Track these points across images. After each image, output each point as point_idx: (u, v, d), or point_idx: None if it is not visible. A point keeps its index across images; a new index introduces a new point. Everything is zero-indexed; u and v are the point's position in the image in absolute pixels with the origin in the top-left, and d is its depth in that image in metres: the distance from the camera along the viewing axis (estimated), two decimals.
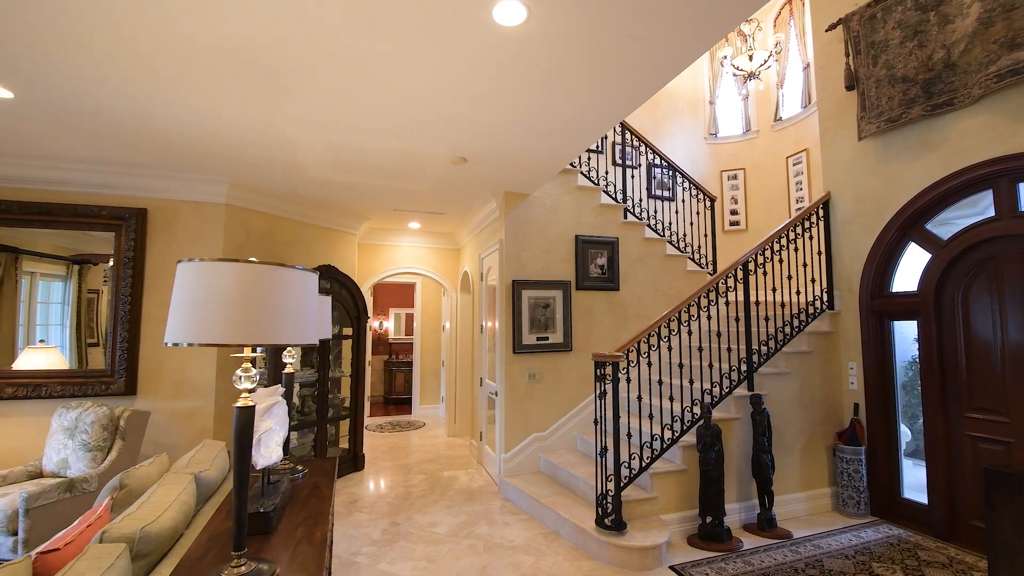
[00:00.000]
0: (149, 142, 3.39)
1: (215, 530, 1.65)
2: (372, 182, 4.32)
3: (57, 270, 4.27)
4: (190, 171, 4.00)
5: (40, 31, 2.12)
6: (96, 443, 3.27)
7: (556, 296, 4.67)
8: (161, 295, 4.07)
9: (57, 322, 4.29)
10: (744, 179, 6.55)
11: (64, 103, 2.80)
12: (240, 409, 1.31)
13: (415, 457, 5.65)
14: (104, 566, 1.29)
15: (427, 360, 8.14)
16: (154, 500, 1.67)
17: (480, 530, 3.63)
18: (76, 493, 2.97)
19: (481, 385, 5.38)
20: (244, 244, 4.44)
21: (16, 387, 3.70)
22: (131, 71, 2.44)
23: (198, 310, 1.23)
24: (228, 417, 4.25)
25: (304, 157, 3.66)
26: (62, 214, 3.85)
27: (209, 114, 2.93)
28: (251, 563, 1.33)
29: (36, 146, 3.46)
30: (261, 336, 1.25)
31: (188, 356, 4.09)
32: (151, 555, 1.52)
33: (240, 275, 1.25)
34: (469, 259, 6.24)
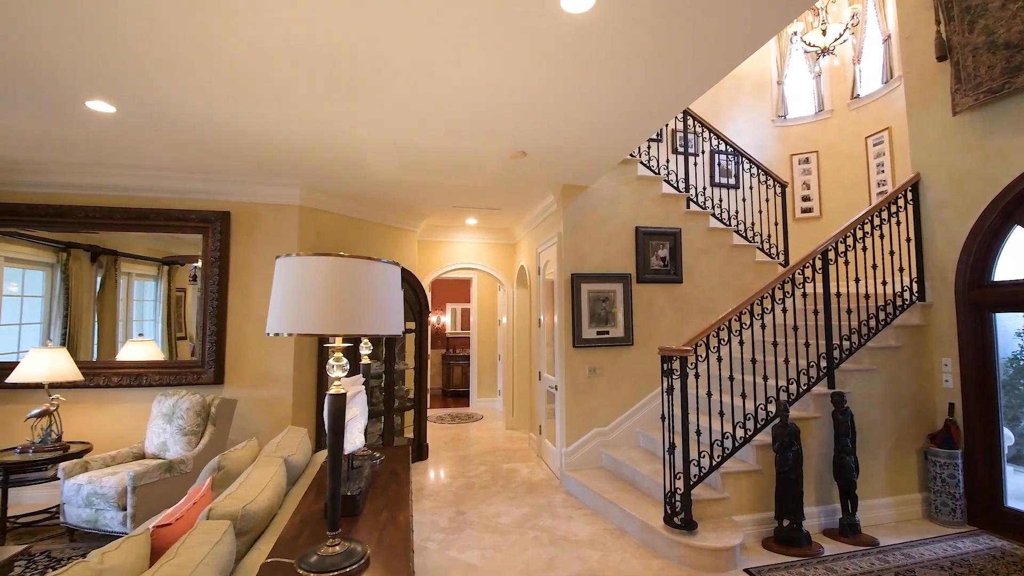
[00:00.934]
0: (232, 150, 3.63)
1: (306, 511, 1.75)
2: (434, 180, 4.41)
3: (149, 270, 4.69)
4: (268, 176, 4.25)
5: (138, 51, 2.31)
6: (191, 428, 3.57)
7: (616, 289, 4.58)
8: (243, 292, 4.37)
9: (150, 318, 4.71)
10: (817, 162, 6.14)
11: (159, 116, 3.05)
12: (333, 396, 1.38)
13: (475, 449, 5.75)
14: (213, 541, 1.40)
15: (484, 354, 8.26)
16: (251, 481, 1.80)
17: (544, 522, 3.64)
18: (175, 473, 3.26)
19: (540, 379, 5.38)
20: (316, 243, 4.68)
21: (121, 376, 4.10)
22: (218, 84, 2.62)
23: (296, 302, 1.30)
24: (305, 404, 4.51)
25: (372, 158, 3.79)
26: (157, 218, 4.22)
27: (286, 120, 3.10)
28: (344, 543, 1.40)
29: (135, 157, 3.79)
30: (353, 326, 1.31)
31: (268, 348, 4.37)
32: (251, 532, 1.63)
33: (333, 268, 1.31)
34: (525, 254, 6.25)
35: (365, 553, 1.38)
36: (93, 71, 2.50)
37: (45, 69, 2.48)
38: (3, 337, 4.26)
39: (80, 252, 4.45)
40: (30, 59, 2.38)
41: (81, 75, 2.54)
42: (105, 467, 3.34)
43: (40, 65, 2.44)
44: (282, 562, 1.38)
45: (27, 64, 2.43)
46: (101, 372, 4.07)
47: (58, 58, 2.37)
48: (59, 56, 2.35)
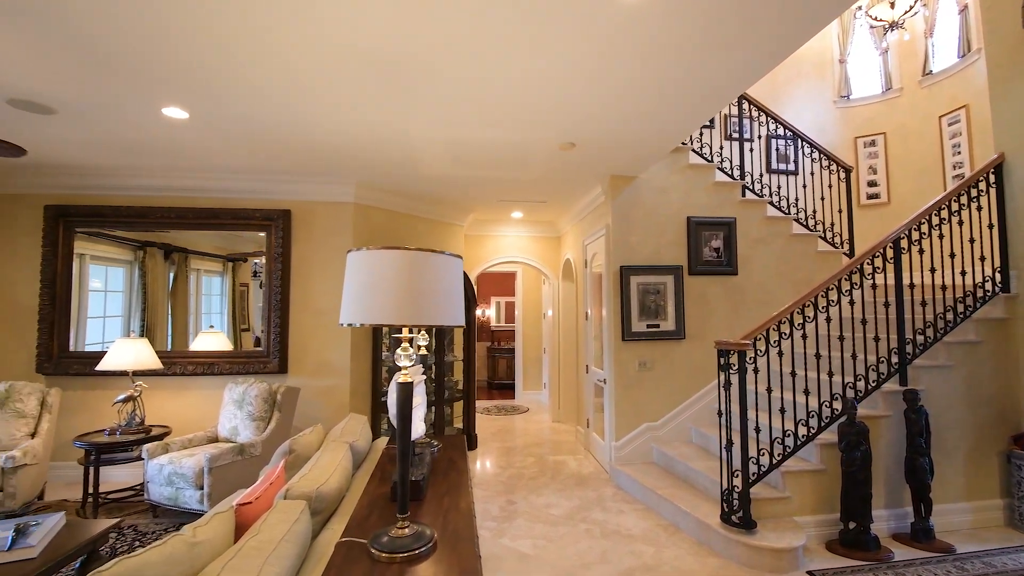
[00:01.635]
0: (293, 151, 3.80)
1: (372, 494, 1.83)
2: (481, 174, 4.45)
3: (215, 267, 4.99)
4: (325, 175, 4.43)
5: (210, 60, 2.45)
6: (259, 414, 3.79)
7: (667, 282, 4.48)
8: (304, 286, 4.59)
9: (216, 311, 5.02)
10: (884, 145, 5.76)
11: (228, 121, 3.23)
12: (401, 384, 1.43)
13: (522, 440, 5.79)
14: (291, 520, 1.48)
15: (529, 347, 8.29)
16: (321, 464, 1.89)
17: (595, 515, 3.63)
18: (246, 456, 3.47)
19: (587, 372, 5.35)
20: (369, 239, 4.83)
21: (195, 365, 4.41)
22: (281, 90, 2.75)
23: (367, 294, 1.36)
24: (361, 393, 4.69)
25: (422, 155, 3.87)
26: (225, 217, 4.48)
27: (343, 122, 3.21)
28: (413, 526, 1.45)
29: (206, 159, 4.03)
30: (421, 316, 1.35)
31: (327, 339, 4.56)
32: (323, 512, 1.72)
33: (402, 261, 1.35)
34: (571, 247, 6.21)
35: (433, 536, 1.43)
36: (169, 80, 2.67)
37: (126, 80, 2.67)
38: (90, 329, 4.65)
39: (155, 250, 4.79)
40: (113, 72, 2.57)
41: (158, 84, 2.73)
42: (183, 449, 3.60)
43: (122, 76, 2.63)
44: (355, 541, 1.44)
45: (111, 76, 2.62)
46: (178, 361, 4.39)
47: (138, 69, 2.55)
48: (139, 67, 2.53)
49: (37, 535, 2.17)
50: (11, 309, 4.37)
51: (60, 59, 2.45)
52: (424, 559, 1.35)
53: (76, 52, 2.38)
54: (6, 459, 3.19)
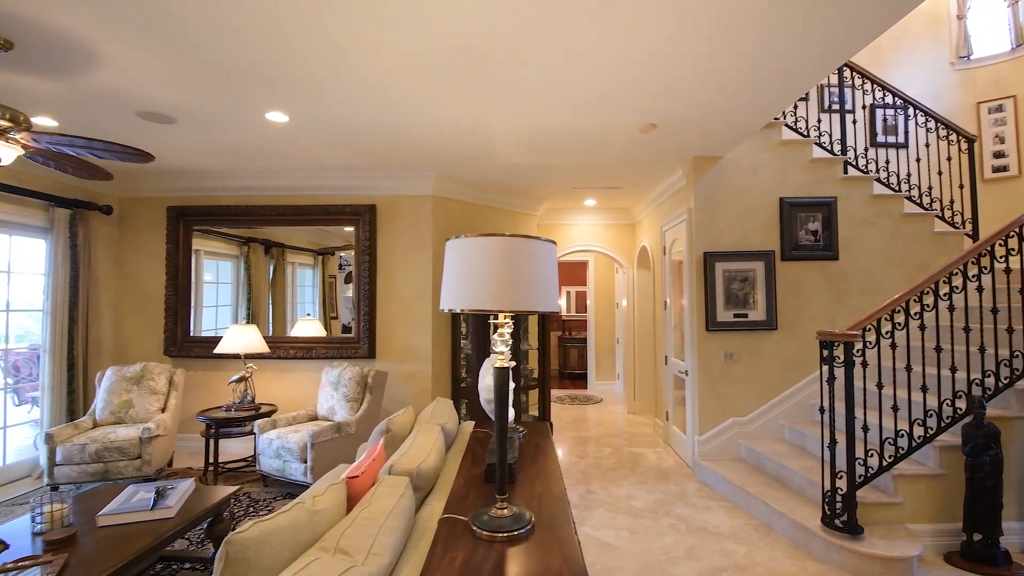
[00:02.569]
0: (379, 147, 3.98)
1: (467, 475, 1.89)
2: (557, 162, 4.41)
3: (308, 260, 5.38)
4: (407, 169, 4.61)
5: (308, 65, 2.61)
6: (352, 395, 4.05)
7: (756, 268, 4.21)
8: (388, 276, 4.83)
9: (309, 300, 5.42)
10: (1015, 110, 5.02)
11: (323, 122, 3.44)
12: (498, 369, 1.45)
13: (597, 431, 5.74)
14: (398, 494, 1.57)
15: (601, 337, 8.17)
16: (418, 444, 1.99)
17: (679, 510, 3.53)
18: (342, 434, 3.73)
19: (666, 364, 5.18)
20: (446, 230, 4.97)
21: (296, 349, 4.79)
22: (369, 89, 2.87)
23: (466, 280, 1.39)
24: (441, 379, 4.87)
25: (500, 145, 3.90)
26: (319, 213, 4.81)
27: (425, 116, 3.31)
28: (511, 507, 1.48)
29: (302, 160, 4.33)
30: (518, 302, 1.36)
31: (410, 327, 4.78)
32: (423, 489, 1.81)
33: (499, 247, 1.37)
34: (648, 233, 6.01)
35: (531, 520, 1.45)
36: (273, 85, 2.89)
37: (236, 88, 2.92)
38: (205, 317, 5.20)
39: (257, 245, 5.25)
40: (225, 80, 2.82)
41: (263, 90, 2.95)
42: (288, 426, 3.94)
43: (233, 84, 2.88)
44: (457, 519, 1.50)
45: (223, 85, 2.88)
46: (281, 345, 4.79)
47: (247, 77, 2.78)
48: (247, 76, 2.76)
49: (173, 498, 2.47)
50: (142, 299, 4.98)
51: (181, 71, 2.72)
52: (523, 541, 1.37)
53: (194, 64, 2.63)
54: (143, 430, 3.66)
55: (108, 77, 2.75)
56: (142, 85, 2.86)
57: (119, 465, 3.57)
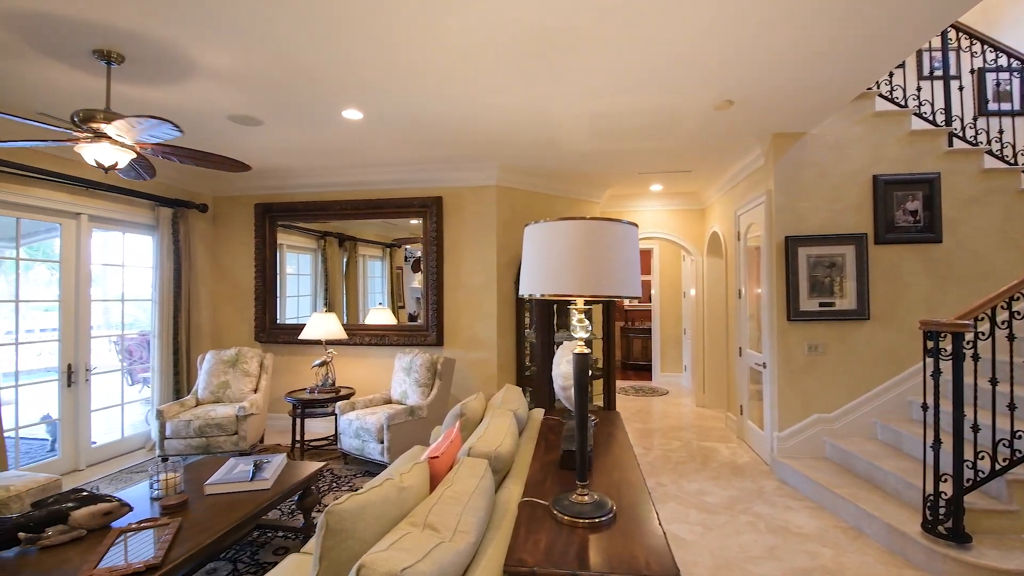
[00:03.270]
0: (445, 140, 4.06)
1: (542, 460, 1.90)
2: (623, 146, 4.29)
3: (377, 252, 5.61)
4: (471, 160, 4.67)
5: (381, 63, 2.69)
6: (423, 381, 4.20)
7: (845, 253, 3.89)
8: (455, 266, 4.94)
9: (378, 291, 5.65)
10: None
11: (394, 118, 3.56)
12: (578, 356, 1.44)
13: (664, 423, 5.59)
14: (479, 475, 1.61)
15: (667, 327, 7.92)
16: (493, 428, 2.02)
17: (758, 508, 3.36)
18: (415, 417, 3.88)
19: (740, 356, 4.93)
20: (510, 219, 5.00)
21: (371, 336, 5.04)
22: (438, 81, 2.92)
23: (545, 265, 1.38)
24: (507, 367, 4.93)
25: (563, 132, 3.85)
26: (389, 206, 5.00)
27: (490, 106, 3.33)
28: (592, 494, 1.47)
29: (373, 155, 4.51)
30: (598, 287, 1.34)
31: (475, 316, 4.87)
32: (500, 472, 1.84)
33: (578, 231, 1.35)
34: (719, 218, 5.72)
35: (613, 508, 1.44)
36: (348, 85, 3.02)
37: (316, 88, 3.07)
38: (288, 306, 5.58)
39: (332, 239, 5.54)
40: (306, 81, 2.97)
41: (339, 90, 3.09)
42: (365, 408, 4.16)
43: (313, 85, 3.03)
44: (537, 502, 1.51)
45: (304, 85, 3.04)
46: (357, 333, 5.05)
47: (322, 78, 2.92)
48: (323, 76, 2.89)
49: (268, 471, 2.68)
50: (235, 289, 5.43)
51: (267, 74, 2.90)
52: (605, 529, 1.36)
53: (279, 66, 2.80)
54: (239, 408, 4.00)
55: (205, 83, 2.99)
56: (233, 88, 3.08)
57: (218, 440, 3.93)
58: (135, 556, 1.86)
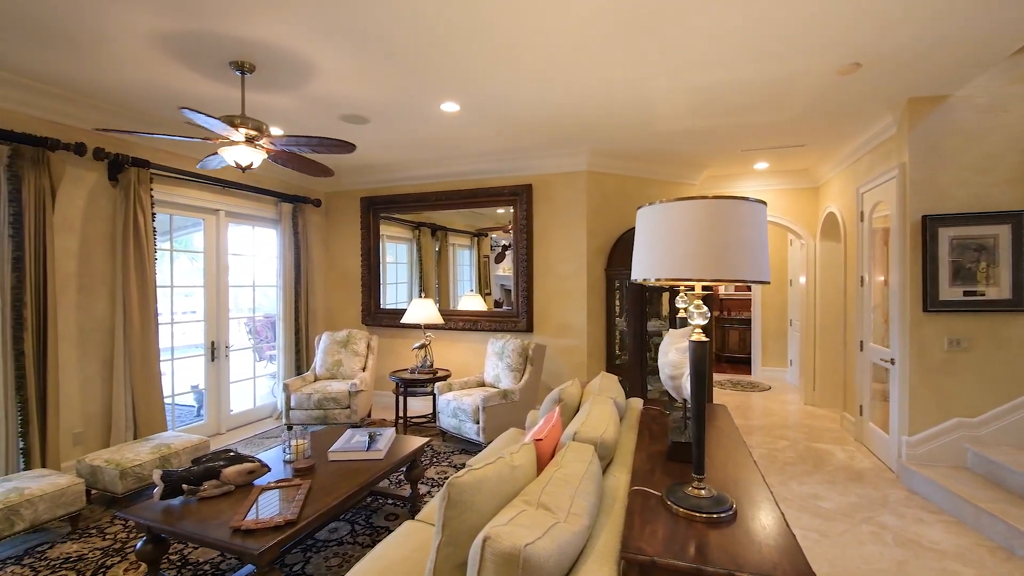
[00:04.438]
0: (537, 126, 4.06)
1: (648, 451, 1.86)
2: (727, 122, 4.01)
3: (465, 241, 5.77)
4: (561, 147, 4.64)
5: (478, 53, 2.74)
6: (515, 366, 4.30)
7: (999, 234, 3.34)
8: (544, 253, 4.96)
9: (466, 279, 5.83)
10: None
11: (489, 108, 3.62)
12: (696, 343, 1.38)
13: (766, 421, 5.22)
14: (586, 460, 1.61)
15: (769, 318, 7.35)
16: (595, 415, 2.02)
17: (883, 518, 3.04)
18: (508, 400, 3.98)
19: (861, 350, 4.45)
20: (600, 205, 4.90)
21: (464, 322, 5.23)
22: (531, 67, 2.92)
23: (660, 248, 1.33)
24: (596, 355, 4.89)
25: (661, 109, 3.68)
26: (481, 196, 5.12)
27: (582, 89, 3.26)
28: (710, 489, 1.41)
29: (467, 146, 4.63)
30: (722, 271, 1.26)
31: (565, 303, 4.87)
32: (604, 459, 1.84)
33: (700, 211, 1.28)
34: (837, 197, 5.17)
35: (733, 505, 1.37)
36: (448, 77, 3.11)
37: (417, 82, 3.21)
38: (388, 292, 5.95)
39: (425, 229, 5.80)
40: (409, 76, 3.11)
41: (439, 83, 3.20)
42: (461, 389, 4.35)
43: (414, 80, 3.17)
44: (649, 492, 1.49)
45: (407, 81, 3.18)
46: (451, 318, 5.28)
47: (425, 72, 3.03)
48: (426, 70, 3.01)
49: (381, 442, 2.90)
50: (344, 277, 5.90)
51: (373, 71, 3.07)
52: (725, 525, 1.30)
53: (387, 64, 2.95)
54: (351, 385, 4.37)
55: (321, 85, 3.24)
56: (344, 88, 3.31)
57: (334, 412, 4.32)
58: (275, 511, 2.11)
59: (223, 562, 2.55)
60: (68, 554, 2.61)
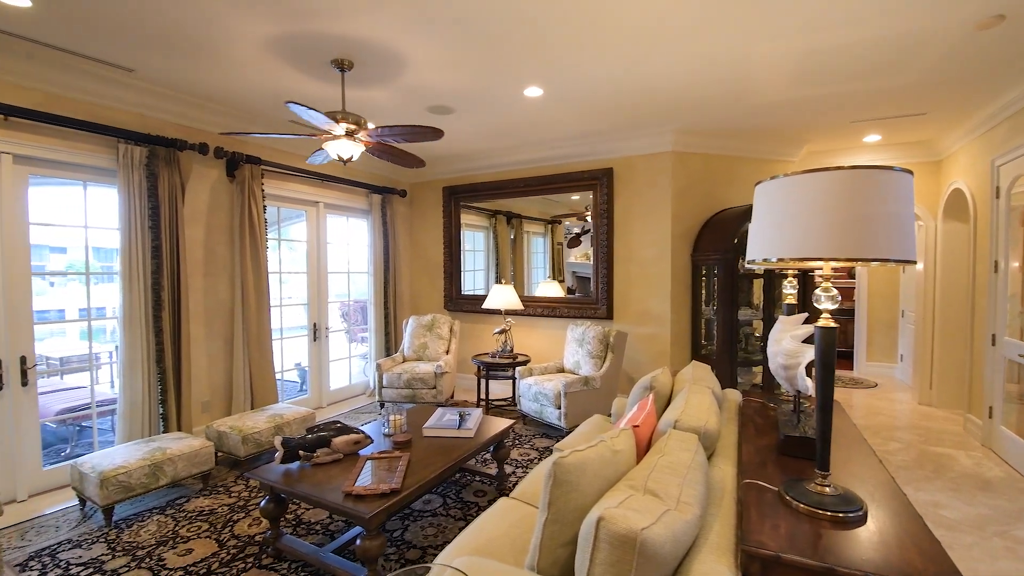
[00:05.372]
0: (621, 106, 3.93)
1: (755, 444, 1.77)
2: (836, 90, 3.65)
3: (539, 229, 5.75)
4: (644, 127, 4.47)
5: (565, 36, 2.68)
6: (596, 353, 4.25)
7: None
8: (625, 238, 4.84)
9: (539, 266, 5.82)
10: None
11: (572, 91, 3.56)
12: (824, 330, 1.28)
13: (875, 420, 4.77)
14: (690, 449, 1.56)
15: (877, 308, 6.67)
16: (693, 404, 1.94)
17: (1020, 533, 2.69)
18: (589, 387, 3.96)
19: (993, 345, 3.92)
20: (686, 187, 4.68)
21: (543, 308, 5.26)
22: (615, 45, 2.81)
23: (785, 226, 1.24)
24: (680, 344, 4.71)
25: (759, 80, 3.42)
26: (558, 181, 5.08)
27: (672, 63, 3.10)
28: (836, 487, 1.32)
29: (547, 131, 4.60)
30: (860, 249, 1.15)
31: (647, 289, 4.73)
32: (707, 449, 1.77)
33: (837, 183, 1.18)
34: (966, 172, 4.55)
35: (864, 507, 1.27)
36: (533, 61, 3.09)
37: (502, 68, 3.22)
38: (466, 279, 6.09)
39: (501, 217, 5.86)
40: (494, 61, 3.13)
41: (524, 68, 3.19)
42: (541, 375, 4.39)
43: (499, 68, 3.18)
44: (764, 486, 1.42)
45: (492, 66, 3.20)
46: (530, 304, 5.33)
47: (511, 57, 3.03)
48: (512, 55, 3.00)
49: (471, 422, 3.00)
50: (428, 264, 6.14)
51: (460, 58, 3.12)
52: (854, 526, 1.21)
53: (475, 53, 2.99)
54: (437, 366, 4.55)
55: (412, 76, 3.35)
56: (433, 78, 3.39)
57: (421, 392, 4.54)
58: (381, 480, 2.26)
59: (331, 523, 2.78)
60: (201, 508, 2.97)
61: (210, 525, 2.77)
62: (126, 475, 2.78)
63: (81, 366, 5.08)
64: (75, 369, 5.13)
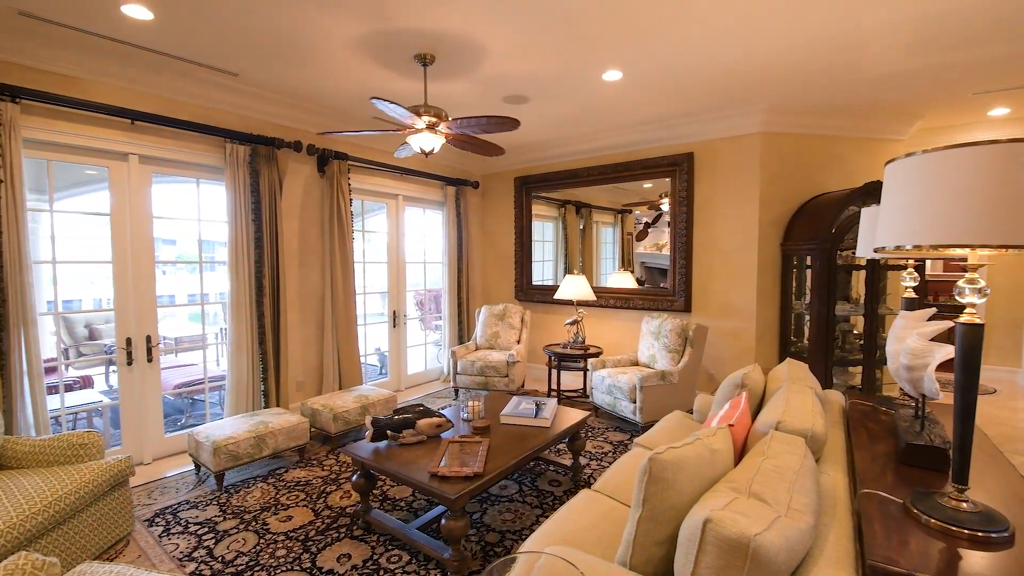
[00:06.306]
0: (703, 88, 3.72)
1: (871, 451, 1.62)
2: (958, 57, 3.22)
3: (608, 219, 5.60)
4: (730, 107, 4.19)
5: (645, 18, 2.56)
6: (673, 347, 4.10)
7: None
8: (706, 227, 4.60)
9: (608, 256, 5.67)
10: None
11: (654, 72, 3.41)
12: (967, 327, 1.14)
13: (997, 431, 4.22)
14: (797, 452, 1.45)
15: (997, 305, 5.87)
16: (795, 405, 1.81)
17: None
18: (665, 382, 3.83)
19: None
20: (777, 171, 4.35)
21: (616, 299, 5.15)
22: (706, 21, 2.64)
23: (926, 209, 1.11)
24: (767, 340, 4.43)
25: (869, 50, 3.09)
26: (634, 168, 4.91)
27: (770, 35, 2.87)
28: (974, 503, 1.17)
29: (623, 116, 4.46)
30: (1015, 235, 1.00)
31: (730, 281, 4.48)
32: (814, 454, 1.64)
33: (991, 158, 1.03)
34: None
35: (1011, 527, 1.12)
36: (614, 42, 2.99)
37: (580, 55, 3.14)
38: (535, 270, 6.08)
39: (571, 207, 5.77)
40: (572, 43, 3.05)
41: (604, 50, 3.09)
42: (615, 367, 4.30)
43: (578, 52, 3.11)
44: (884, 496, 1.29)
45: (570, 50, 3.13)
46: (603, 295, 5.23)
47: (591, 39, 2.95)
48: (592, 37, 2.92)
49: (546, 412, 3.00)
50: (499, 254, 6.21)
51: (539, 45, 3.08)
52: (998, 547, 1.07)
53: (551, 35, 2.94)
54: (509, 355, 4.60)
55: (490, 66, 3.36)
56: (511, 66, 3.37)
57: (493, 379, 4.62)
58: (462, 463, 2.32)
59: (415, 501, 2.91)
60: (298, 479, 3.21)
61: (306, 495, 2.99)
62: (235, 445, 3.06)
63: (192, 345, 5.67)
64: (186, 348, 5.74)
